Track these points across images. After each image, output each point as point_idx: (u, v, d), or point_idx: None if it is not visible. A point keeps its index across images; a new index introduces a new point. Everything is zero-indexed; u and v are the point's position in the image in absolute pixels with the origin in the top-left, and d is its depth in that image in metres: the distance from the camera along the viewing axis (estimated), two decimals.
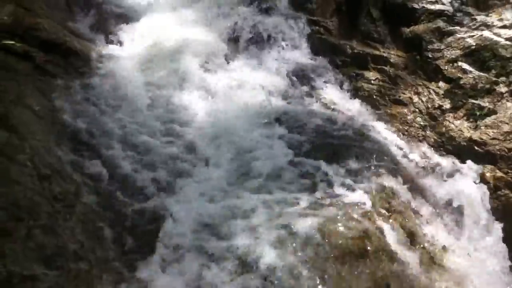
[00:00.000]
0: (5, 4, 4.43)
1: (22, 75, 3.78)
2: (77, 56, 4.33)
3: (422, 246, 3.06)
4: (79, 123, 3.55)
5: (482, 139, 3.84)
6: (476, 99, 4.02)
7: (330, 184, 3.31)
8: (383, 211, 3.15)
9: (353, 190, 3.27)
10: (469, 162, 3.82)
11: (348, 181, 3.35)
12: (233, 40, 5.14)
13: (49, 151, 3.14)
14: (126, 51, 4.71)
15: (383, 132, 4.13)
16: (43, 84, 3.80)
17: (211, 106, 4.21)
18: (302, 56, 5.02)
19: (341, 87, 4.71)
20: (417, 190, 3.59)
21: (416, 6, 4.67)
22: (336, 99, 4.56)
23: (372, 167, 3.57)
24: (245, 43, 5.12)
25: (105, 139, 3.48)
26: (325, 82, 4.74)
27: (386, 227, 3.00)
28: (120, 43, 4.91)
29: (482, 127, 3.89)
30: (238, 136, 3.76)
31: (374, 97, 4.50)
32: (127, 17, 5.34)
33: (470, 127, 3.94)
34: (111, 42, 4.90)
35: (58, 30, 4.50)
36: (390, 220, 3.10)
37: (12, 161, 2.81)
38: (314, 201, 3.12)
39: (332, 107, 4.41)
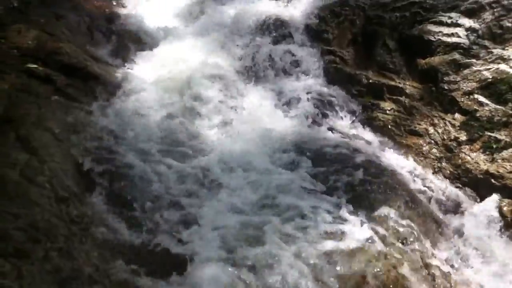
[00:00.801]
0: (30, 29, 4.58)
1: (43, 98, 3.86)
2: (97, 80, 4.42)
3: (436, 280, 3.01)
4: (97, 146, 3.60)
5: (499, 172, 3.80)
6: (493, 132, 4.00)
7: (344, 214, 3.29)
8: (398, 243, 3.13)
9: (368, 220, 3.26)
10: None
11: (363, 212, 3.34)
12: (250, 68, 5.20)
13: (67, 173, 3.19)
14: (145, 77, 4.78)
15: (399, 163, 4.12)
16: (63, 107, 3.88)
17: (227, 132, 4.26)
18: (317, 85, 5.05)
19: (356, 116, 4.72)
20: (432, 222, 3.56)
21: (432, 38, 4.70)
22: (351, 128, 4.58)
23: (388, 199, 3.55)
24: (262, 71, 5.18)
25: (123, 163, 3.52)
26: (340, 111, 4.75)
27: (400, 258, 2.98)
28: (139, 68, 5.00)
29: (499, 160, 3.86)
30: (253, 163, 3.77)
31: (390, 127, 4.50)
32: (147, 43, 5.48)
33: (486, 160, 3.91)
34: (130, 67, 4.99)
35: (79, 54, 4.61)
36: (405, 252, 3.07)
37: (31, 183, 2.86)
38: (327, 230, 3.11)
39: (347, 136, 4.42)
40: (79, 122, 3.78)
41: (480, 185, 3.89)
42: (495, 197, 3.70)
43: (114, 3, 6.12)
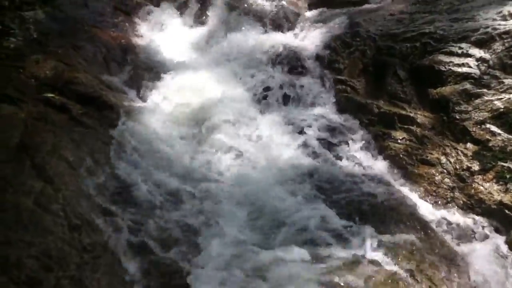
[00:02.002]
0: (48, 59, 4.72)
1: (59, 127, 3.94)
2: (111, 109, 4.51)
3: None
4: (110, 175, 3.65)
5: None
6: (506, 162, 3.97)
7: (357, 245, 3.28)
8: (410, 273, 3.10)
9: (380, 251, 3.24)
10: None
11: (374, 241, 3.32)
12: (262, 98, 5.26)
13: (80, 201, 3.23)
14: (158, 106, 4.86)
15: (411, 192, 4.10)
16: (78, 135, 3.95)
17: (239, 162, 4.28)
18: (329, 114, 5.09)
19: (368, 145, 4.72)
20: (445, 252, 3.51)
21: (442, 68, 4.71)
22: (363, 157, 4.57)
23: (400, 228, 3.53)
24: (273, 101, 5.24)
25: (134, 192, 3.56)
26: (352, 140, 4.76)
27: None
28: (153, 98, 5.08)
29: None
30: (265, 193, 3.78)
31: (401, 156, 4.49)
32: (161, 73, 5.55)
33: (500, 190, 3.88)
34: (144, 97, 5.08)
35: (94, 84, 4.72)
36: (417, 283, 3.03)
37: (46, 211, 2.91)
38: (339, 261, 3.09)
39: (359, 165, 4.42)
40: (93, 150, 3.84)
41: (494, 216, 3.84)
42: None
43: (130, 34, 6.26)
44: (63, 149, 3.63)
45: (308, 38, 6.05)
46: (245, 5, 7.10)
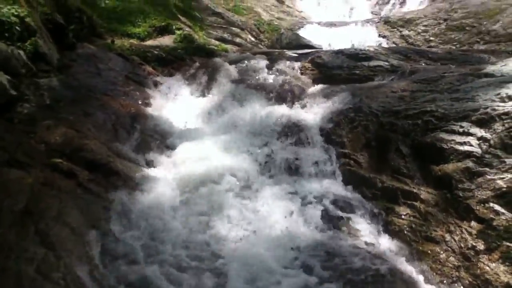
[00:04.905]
0: (59, 125, 4.84)
1: (65, 192, 3.98)
2: (118, 176, 4.56)
3: None
4: (113, 243, 3.63)
5: None
6: (511, 242, 3.94)
7: None
8: None
9: None
10: None
11: None
12: (267, 168, 5.34)
13: (82, 270, 3.20)
14: (165, 175, 4.91)
15: (415, 270, 4.04)
16: (83, 202, 3.98)
17: (244, 233, 4.26)
18: (332, 186, 5.11)
19: (371, 220, 4.70)
20: None
21: (444, 146, 4.78)
22: (366, 232, 4.54)
23: None
24: (278, 171, 5.31)
25: (138, 262, 3.52)
26: (355, 213, 4.75)
27: None
28: (160, 166, 5.15)
29: None
30: (269, 265, 3.73)
31: (405, 232, 4.46)
32: (168, 141, 5.68)
33: (506, 271, 3.81)
34: (151, 165, 5.14)
35: (103, 151, 4.81)
36: None
37: (46, 279, 2.88)
38: None
39: (362, 240, 4.38)
40: (98, 217, 3.85)
41: None
42: None
43: (140, 103, 6.45)
44: (68, 216, 3.64)
45: (312, 112, 6.21)
46: (251, 79, 7.38)
